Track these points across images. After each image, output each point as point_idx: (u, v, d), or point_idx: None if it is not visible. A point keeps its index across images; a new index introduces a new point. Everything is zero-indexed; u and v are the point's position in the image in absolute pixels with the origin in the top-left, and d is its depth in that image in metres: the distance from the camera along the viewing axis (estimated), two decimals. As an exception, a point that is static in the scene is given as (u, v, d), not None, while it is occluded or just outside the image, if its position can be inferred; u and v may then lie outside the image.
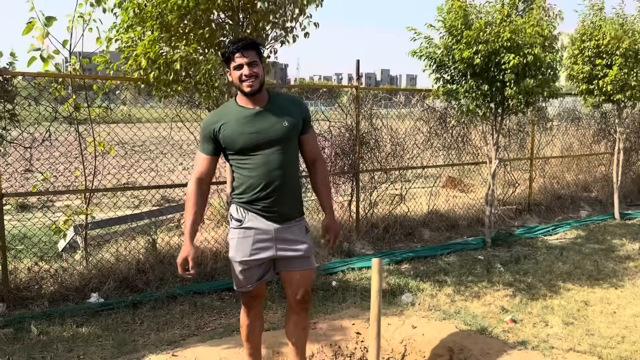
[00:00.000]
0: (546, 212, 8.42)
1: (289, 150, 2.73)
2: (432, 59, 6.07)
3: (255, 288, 2.85)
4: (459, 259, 6.07)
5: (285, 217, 2.75)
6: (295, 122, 2.73)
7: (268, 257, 2.76)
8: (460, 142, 7.63)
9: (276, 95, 2.82)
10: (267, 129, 2.67)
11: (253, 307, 2.92)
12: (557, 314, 4.56)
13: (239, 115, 2.69)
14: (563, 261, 6.06)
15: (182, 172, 12.11)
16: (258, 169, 2.68)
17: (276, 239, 2.74)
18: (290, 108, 2.75)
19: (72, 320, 4.21)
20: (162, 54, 4.04)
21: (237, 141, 2.67)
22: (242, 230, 2.75)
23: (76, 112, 4.75)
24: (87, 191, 5.03)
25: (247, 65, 2.63)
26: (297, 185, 2.82)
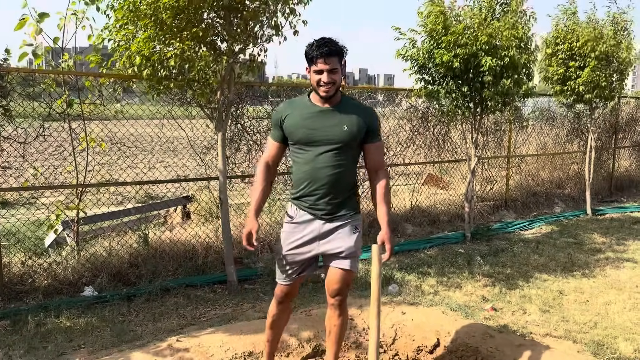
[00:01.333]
0: (522, 208, 8.74)
1: (345, 153, 2.77)
2: (415, 60, 6.29)
3: (291, 285, 2.94)
4: (441, 252, 6.31)
5: (332, 216, 2.83)
6: (355, 129, 2.75)
7: (310, 256, 2.87)
8: (441, 141, 7.88)
9: (348, 99, 2.86)
10: (325, 128, 2.74)
11: (283, 301, 3.00)
12: (535, 303, 4.81)
13: (306, 110, 2.80)
14: (539, 254, 6.35)
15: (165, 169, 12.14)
16: (309, 164, 2.79)
17: (320, 237, 2.83)
18: (356, 114, 2.77)
19: (68, 313, 4.29)
20: (156, 51, 4.15)
21: (296, 133, 2.80)
22: (292, 225, 2.89)
23: (69, 108, 4.82)
24: (79, 186, 5.09)
25: (327, 72, 2.67)
26: (348, 188, 2.84)
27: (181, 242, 5.59)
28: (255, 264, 5.60)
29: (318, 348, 3.41)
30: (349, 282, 2.95)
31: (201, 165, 5.88)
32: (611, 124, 10.33)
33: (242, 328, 3.44)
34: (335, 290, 2.93)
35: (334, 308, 2.99)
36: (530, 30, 6.34)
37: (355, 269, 2.91)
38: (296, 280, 2.96)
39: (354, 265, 2.89)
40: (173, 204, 7.34)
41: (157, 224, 7.28)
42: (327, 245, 2.84)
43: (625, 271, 5.80)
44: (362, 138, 2.80)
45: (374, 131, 2.82)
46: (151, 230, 5.88)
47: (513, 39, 6.00)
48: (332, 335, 3.02)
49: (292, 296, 3.03)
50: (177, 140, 6.14)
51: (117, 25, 4.42)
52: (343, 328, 3.02)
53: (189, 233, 5.74)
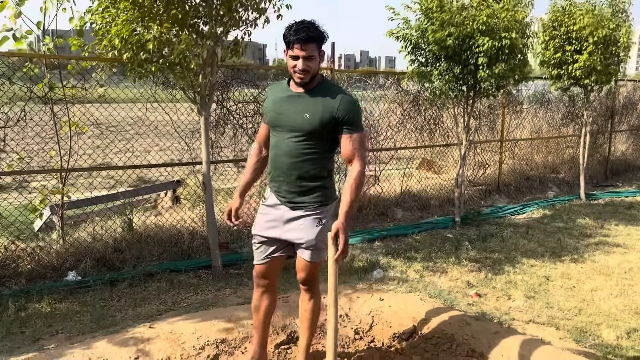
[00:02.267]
0: (515, 192, 8.70)
1: (309, 142, 2.68)
2: (408, 40, 6.19)
3: (266, 265, 2.91)
4: (429, 237, 6.28)
5: (295, 204, 2.78)
6: (317, 118, 2.64)
7: (275, 237, 2.84)
8: (433, 125, 7.81)
9: (327, 86, 2.73)
10: (289, 114, 2.69)
11: (260, 285, 2.97)
12: (520, 289, 4.80)
13: (279, 94, 2.78)
14: (528, 239, 6.32)
15: (157, 153, 12.08)
16: (273, 150, 2.80)
17: (285, 222, 2.81)
18: (325, 103, 2.65)
19: (50, 297, 4.28)
20: (136, 34, 4.08)
21: (267, 116, 2.82)
22: (264, 207, 2.91)
23: (51, 92, 4.76)
24: (62, 171, 5.05)
25: (303, 59, 2.58)
26: (313, 179, 2.74)
27: (167, 227, 5.57)
28: (242, 249, 5.58)
29: (293, 335, 3.39)
30: (312, 272, 2.90)
31: (187, 150, 5.82)
32: (607, 107, 10.23)
33: (217, 314, 3.42)
34: (300, 278, 2.94)
35: (304, 293, 2.99)
36: (528, 15, 6.23)
37: (317, 260, 2.85)
38: (269, 261, 2.91)
39: (315, 257, 2.83)
40: (162, 189, 7.32)
41: (147, 208, 7.27)
42: (290, 234, 2.81)
43: (615, 257, 5.78)
44: (332, 128, 2.68)
45: (346, 122, 2.66)
46: (137, 215, 5.86)
47: (513, 22, 5.88)
48: (303, 320, 3.01)
49: (270, 279, 2.98)
50: (161, 125, 6.06)
51: (99, 9, 4.35)
52: (314, 313, 3.00)
53: (174, 218, 5.72)
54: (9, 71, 4.56)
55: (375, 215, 7.06)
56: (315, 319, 3.01)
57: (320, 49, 2.67)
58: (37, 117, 4.92)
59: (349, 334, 3.47)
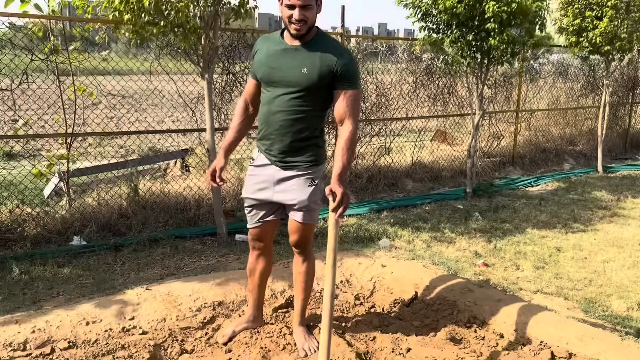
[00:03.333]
0: (530, 164, 8.50)
1: (304, 98, 2.56)
2: (417, 7, 5.99)
3: (259, 229, 2.84)
4: (439, 208, 6.17)
5: (286, 164, 2.68)
6: (316, 73, 2.51)
7: (266, 199, 2.74)
8: (446, 94, 7.62)
9: (323, 39, 2.59)
10: (285, 69, 2.55)
11: (256, 247, 2.93)
12: (529, 259, 4.69)
13: (273, 47, 2.61)
14: (541, 210, 6.18)
15: (174, 124, 12.04)
16: (265, 106, 2.66)
17: (275, 183, 2.71)
18: (323, 57, 2.51)
19: (54, 261, 4.29)
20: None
21: (258, 71, 2.65)
22: (252, 168, 2.79)
23: (55, 54, 4.70)
24: (66, 135, 5.02)
25: (299, 7, 2.44)
26: (306, 137, 2.64)
27: (173, 194, 5.54)
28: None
29: (291, 299, 3.34)
30: (306, 234, 2.81)
31: (192, 117, 5.75)
32: (629, 77, 9.89)
33: (216, 278, 3.38)
34: (293, 241, 2.86)
35: (297, 255, 2.93)
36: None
37: (309, 221, 2.76)
38: (262, 225, 2.84)
39: (308, 218, 2.74)
40: (170, 158, 7.28)
41: (156, 177, 7.26)
42: (281, 195, 2.72)
43: (630, 229, 5.62)
44: (329, 83, 2.55)
45: (344, 77, 2.52)
46: (144, 182, 5.84)
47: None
48: (297, 283, 2.96)
49: (265, 242, 2.92)
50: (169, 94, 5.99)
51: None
52: (308, 276, 2.93)
53: (180, 185, 5.68)
54: (10, 33, 4.49)
55: (385, 186, 6.95)
56: (310, 281, 2.95)
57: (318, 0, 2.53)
58: (41, 84, 4.87)
59: (350, 300, 3.42)
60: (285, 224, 2.94)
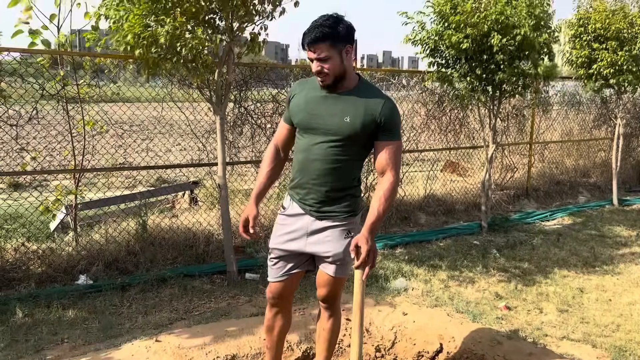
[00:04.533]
0: (544, 197, 8.33)
1: (344, 147, 2.44)
2: (425, 44, 5.94)
3: (283, 283, 2.66)
4: (455, 244, 6.00)
5: (322, 214, 2.54)
6: (359, 123, 2.39)
7: (297, 250, 2.59)
8: (458, 126, 7.51)
9: (364, 86, 2.48)
10: (325, 116, 2.44)
11: (275, 304, 2.73)
12: (552, 301, 4.50)
13: (312, 92, 2.51)
14: (559, 247, 5.99)
15: (180, 153, 12.00)
16: (302, 153, 2.53)
17: (309, 234, 2.56)
18: (366, 106, 2.40)
19: (59, 303, 4.13)
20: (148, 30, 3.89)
21: (296, 115, 2.54)
22: (283, 217, 2.65)
23: (64, 89, 4.62)
24: (74, 171, 4.92)
25: (317, 60, 2.37)
26: (344, 187, 2.52)
27: (182, 229, 5.39)
28: (258, 253, 5.37)
29: (309, 351, 3.17)
30: (336, 289, 2.66)
31: (203, 150, 5.65)
32: (642, 109, 9.77)
33: (228, 327, 3.21)
34: (321, 295, 2.69)
35: (324, 310, 2.75)
36: (550, 7, 5.88)
37: (342, 275, 2.60)
38: (286, 279, 2.65)
39: (340, 272, 2.59)
40: (178, 190, 7.17)
41: (164, 209, 7.13)
42: (315, 247, 2.56)
43: (653, 268, 5.43)
44: (371, 133, 2.43)
45: (386, 127, 2.41)
46: (152, 217, 5.70)
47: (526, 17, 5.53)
48: (321, 339, 2.77)
49: (286, 298, 2.72)
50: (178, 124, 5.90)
51: (113, 3, 4.18)
52: (334, 333, 2.75)
53: (189, 220, 5.54)
54: (21, 68, 4.42)
55: (398, 219, 6.79)
56: (335, 339, 2.78)
57: (339, 47, 2.37)
58: (49, 115, 4.79)
59: (370, 351, 3.23)
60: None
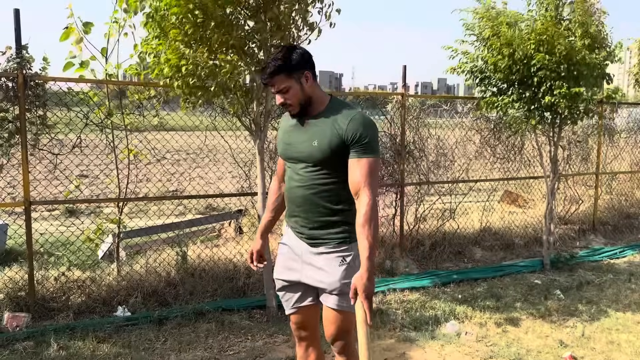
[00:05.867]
0: (613, 232, 7.68)
1: (323, 172, 2.37)
2: (472, 72, 5.65)
3: (299, 315, 2.57)
4: (513, 283, 5.53)
5: (314, 240, 2.44)
6: (326, 144, 2.32)
7: (296, 280, 2.51)
8: (516, 154, 7.06)
9: (334, 107, 2.39)
10: (297, 144, 2.43)
11: (300, 337, 2.64)
12: (624, 352, 4.01)
13: (288, 123, 2.54)
14: (632, 289, 5.42)
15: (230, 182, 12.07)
16: (288, 182, 2.53)
17: (303, 262, 2.47)
18: (332, 125, 2.32)
19: (94, 335, 4.03)
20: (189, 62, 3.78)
21: (278, 147, 2.59)
22: (281, 246, 2.62)
23: (108, 118, 4.63)
24: (118, 200, 4.88)
25: (277, 93, 2.39)
26: (333, 211, 2.40)
27: (222, 260, 5.25)
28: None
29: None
30: (342, 325, 2.43)
31: (245, 179, 5.52)
32: None
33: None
34: (329, 335, 2.48)
35: (337, 356, 2.53)
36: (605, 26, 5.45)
37: (345, 308, 2.38)
38: (299, 310, 2.55)
39: (343, 303, 2.38)
40: (225, 218, 7.08)
41: (210, 238, 7.05)
42: (311, 276, 2.45)
43: None
44: (344, 152, 2.31)
45: (354, 143, 2.28)
46: (196, 246, 5.60)
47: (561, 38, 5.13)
48: None
49: (309, 330, 2.60)
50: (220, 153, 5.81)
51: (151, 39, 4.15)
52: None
53: (230, 251, 5.39)
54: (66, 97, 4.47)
55: (451, 254, 6.38)
56: None
57: (296, 75, 2.36)
58: (92, 144, 4.80)
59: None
60: None
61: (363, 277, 2.13)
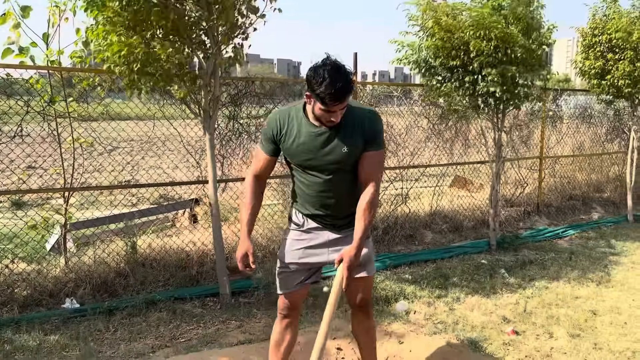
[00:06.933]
0: (556, 213, 8.03)
1: (349, 172, 2.55)
2: (417, 63, 5.78)
3: (297, 294, 2.74)
4: (461, 264, 5.73)
5: (340, 228, 2.66)
6: (355, 146, 2.49)
7: (319, 263, 2.69)
8: (464, 139, 7.27)
9: (349, 111, 2.50)
10: (325, 153, 2.50)
11: (286, 315, 2.78)
12: (563, 325, 4.23)
13: (303, 130, 2.52)
14: (572, 266, 5.70)
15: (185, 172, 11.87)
16: (313, 187, 2.60)
17: (330, 244, 2.66)
18: (356, 129, 2.48)
19: (41, 328, 3.95)
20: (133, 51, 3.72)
21: (297, 157, 2.57)
22: (298, 233, 2.70)
23: (51, 106, 4.49)
24: (64, 190, 4.76)
25: (340, 110, 2.40)
26: (355, 199, 2.56)
27: (174, 249, 5.20)
28: (255, 274, 5.15)
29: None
30: (370, 287, 2.79)
31: (196, 167, 5.48)
32: (657, 121, 9.44)
33: (210, 357, 2.98)
34: (360, 299, 2.76)
35: (361, 313, 2.82)
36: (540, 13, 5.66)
37: (372, 273, 2.74)
38: (300, 289, 2.75)
39: (371, 270, 2.72)
40: (178, 207, 7.01)
41: (164, 227, 6.96)
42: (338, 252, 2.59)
43: (672, 288, 5.11)
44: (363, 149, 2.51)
45: (371, 139, 2.50)
46: (149, 235, 5.52)
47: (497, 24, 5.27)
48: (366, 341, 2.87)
49: (298, 309, 2.82)
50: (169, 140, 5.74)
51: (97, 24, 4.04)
52: (374, 331, 2.90)
53: (182, 240, 5.35)
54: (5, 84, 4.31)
55: (402, 237, 6.53)
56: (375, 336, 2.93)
57: None
58: (37, 133, 4.66)
59: (361, 383, 2.98)
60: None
61: (351, 252, 2.42)
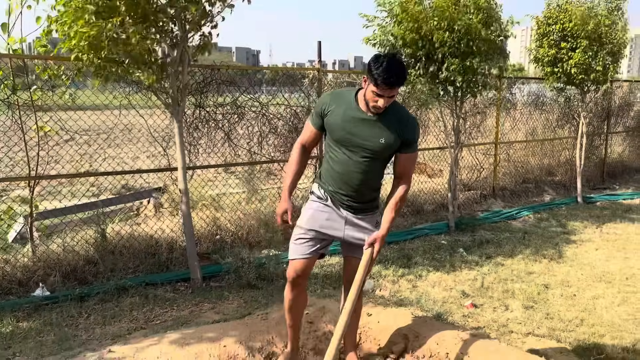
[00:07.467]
0: (511, 196, 8.43)
1: (377, 160, 2.78)
2: (383, 46, 5.94)
3: (309, 260, 2.89)
4: (423, 244, 5.99)
5: (358, 211, 2.87)
6: (392, 142, 2.73)
7: (335, 237, 2.88)
8: (424, 127, 7.53)
9: (393, 108, 2.75)
10: (365, 137, 2.72)
11: (296, 283, 2.94)
12: (518, 298, 4.52)
13: (350, 112, 2.75)
14: (525, 245, 6.05)
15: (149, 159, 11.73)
16: (341, 166, 2.80)
17: (347, 223, 2.86)
18: (396, 127, 2.72)
19: (13, 315, 3.96)
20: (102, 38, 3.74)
21: (335, 133, 2.79)
22: (322, 205, 2.89)
23: (14, 94, 4.45)
24: (29, 178, 4.73)
25: (387, 98, 2.61)
26: (374, 191, 2.90)
27: (143, 237, 5.25)
28: (224, 259, 5.26)
29: (271, 357, 3.09)
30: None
31: (164, 155, 5.52)
32: (603, 108, 9.98)
33: (187, 335, 3.10)
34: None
35: None
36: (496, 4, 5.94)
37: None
38: (312, 256, 2.90)
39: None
40: (142, 196, 7.00)
41: (129, 217, 6.95)
42: (352, 235, 2.86)
43: (616, 263, 5.51)
44: (397, 149, 2.78)
45: (409, 143, 2.78)
46: (115, 224, 5.54)
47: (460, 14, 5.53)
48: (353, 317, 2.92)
49: (306, 275, 2.98)
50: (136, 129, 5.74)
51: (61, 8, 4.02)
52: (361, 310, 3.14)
53: (150, 227, 5.40)
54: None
55: (366, 221, 6.74)
56: None
57: None
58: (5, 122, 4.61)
59: (333, 354, 3.16)
60: None
61: (383, 236, 2.75)
